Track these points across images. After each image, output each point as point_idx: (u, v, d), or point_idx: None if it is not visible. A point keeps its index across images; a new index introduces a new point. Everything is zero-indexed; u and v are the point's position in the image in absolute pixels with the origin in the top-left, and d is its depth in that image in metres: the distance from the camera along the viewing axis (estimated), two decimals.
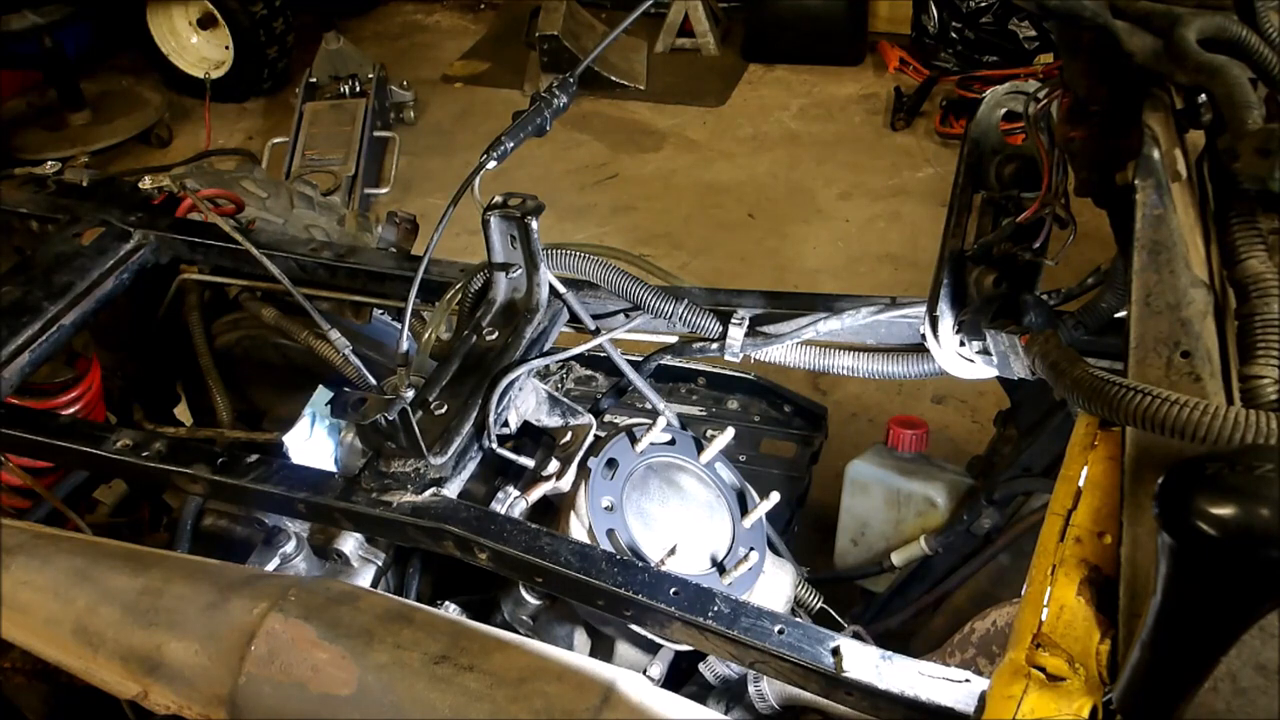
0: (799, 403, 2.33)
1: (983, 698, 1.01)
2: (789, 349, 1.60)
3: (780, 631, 1.16)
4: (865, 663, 1.12)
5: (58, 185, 2.04)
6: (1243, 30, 1.05)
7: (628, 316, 1.66)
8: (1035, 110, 1.33)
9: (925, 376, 1.55)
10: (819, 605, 1.69)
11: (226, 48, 5.41)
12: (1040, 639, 0.95)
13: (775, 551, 1.65)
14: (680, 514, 1.47)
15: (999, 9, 4.89)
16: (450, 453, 1.39)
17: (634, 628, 1.33)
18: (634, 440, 1.49)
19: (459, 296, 1.65)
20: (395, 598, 1.31)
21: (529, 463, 1.50)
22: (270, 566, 1.51)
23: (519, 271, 1.59)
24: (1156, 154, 1.08)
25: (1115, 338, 1.26)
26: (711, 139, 5.01)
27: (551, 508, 1.49)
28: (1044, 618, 0.96)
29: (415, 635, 1.16)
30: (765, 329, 1.60)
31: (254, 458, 1.44)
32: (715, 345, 1.62)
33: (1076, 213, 1.36)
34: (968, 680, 1.07)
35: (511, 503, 1.43)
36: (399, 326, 1.57)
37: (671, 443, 1.53)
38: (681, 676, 1.50)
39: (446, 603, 1.48)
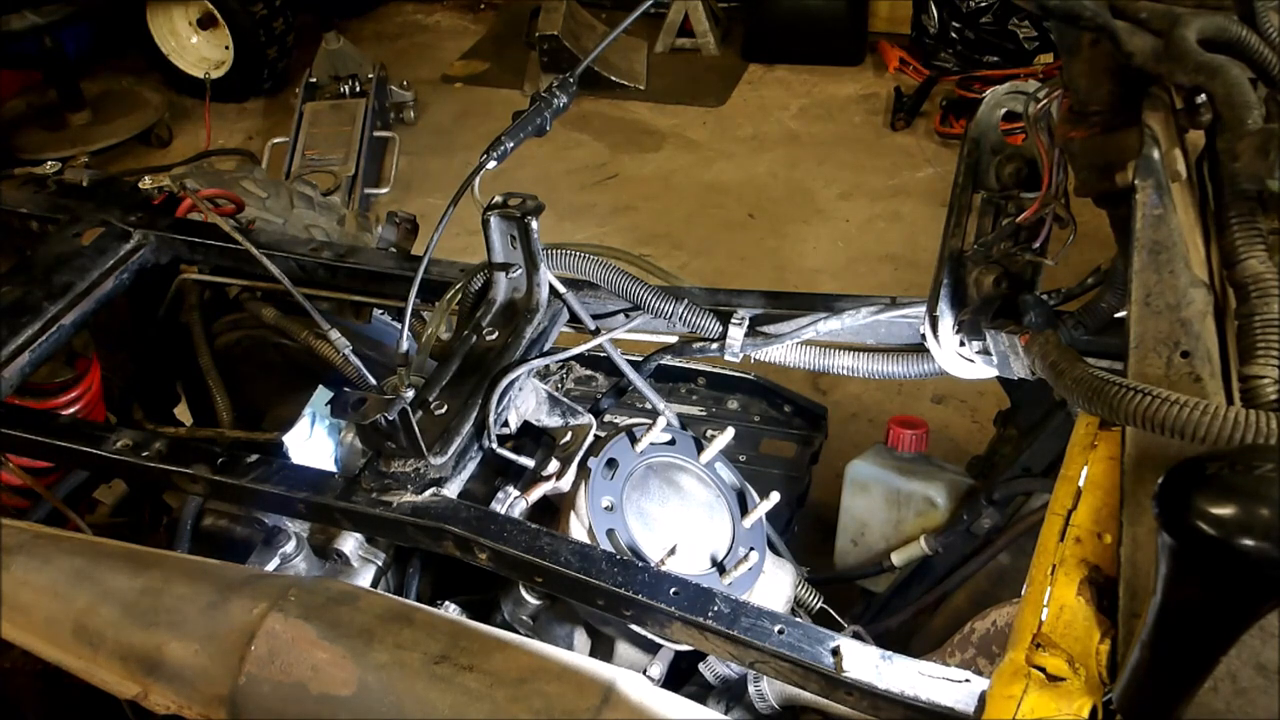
0: (799, 403, 2.33)
1: (983, 698, 1.01)
2: (789, 349, 1.60)
3: (780, 631, 1.16)
4: (865, 663, 1.12)
5: (58, 185, 2.04)
6: (1243, 30, 1.05)
7: (628, 316, 1.66)
8: (1035, 110, 1.32)
9: (925, 376, 1.55)
10: (819, 605, 1.69)
11: (226, 48, 5.40)
12: (1040, 639, 0.95)
13: (775, 551, 1.65)
14: (680, 514, 1.47)
15: (999, 9, 4.89)
16: (450, 453, 1.39)
17: (634, 628, 1.33)
18: (634, 440, 1.49)
19: (459, 296, 1.65)
20: (395, 598, 1.31)
21: (529, 463, 1.50)
22: (270, 566, 1.51)
23: (519, 271, 1.59)
24: (1156, 154, 1.08)
25: (1115, 338, 1.26)
26: (711, 139, 5.01)
27: (551, 508, 1.49)
28: (1044, 618, 0.97)
29: (415, 635, 1.16)
30: (765, 329, 1.60)
31: (254, 458, 1.44)
32: (715, 345, 1.62)
33: (1076, 213, 1.36)
34: (968, 680, 1.07)
35: (511, 503, 1.43)
36: (399, 326, 1.57)
37: (671, 443, 1.53)
38: (681, 676, 1.50)
39: (446, 603, 1.48)
